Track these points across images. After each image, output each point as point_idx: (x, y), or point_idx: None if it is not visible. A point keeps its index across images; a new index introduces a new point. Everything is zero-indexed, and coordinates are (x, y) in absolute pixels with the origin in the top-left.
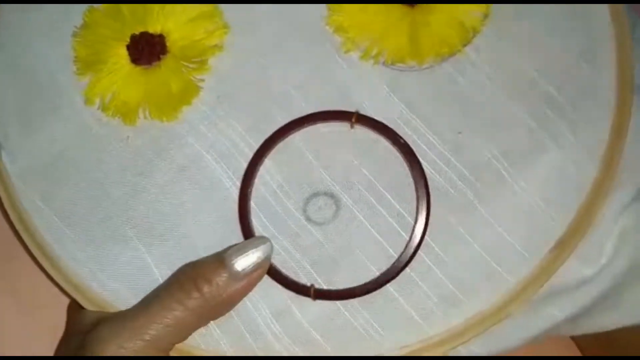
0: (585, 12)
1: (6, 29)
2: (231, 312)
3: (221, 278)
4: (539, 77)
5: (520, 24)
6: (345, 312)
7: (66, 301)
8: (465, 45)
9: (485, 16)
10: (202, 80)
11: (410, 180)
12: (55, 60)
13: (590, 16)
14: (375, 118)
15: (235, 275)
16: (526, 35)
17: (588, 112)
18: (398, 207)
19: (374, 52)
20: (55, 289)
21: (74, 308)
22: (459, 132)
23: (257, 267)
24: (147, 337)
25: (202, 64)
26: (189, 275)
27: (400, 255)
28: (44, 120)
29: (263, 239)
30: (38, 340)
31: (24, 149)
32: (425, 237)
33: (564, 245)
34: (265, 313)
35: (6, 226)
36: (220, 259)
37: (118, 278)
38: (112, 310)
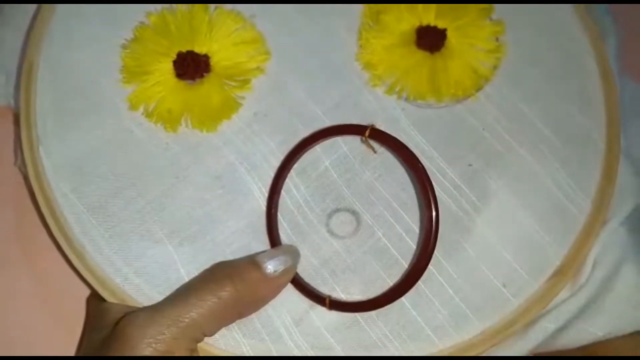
0: (580, 71)
1: (54, 36)
2: (252, 315)
3: (254, 277)
4: (539, 121)
5: (524, 77)
6: (362, 322)
7: (87, 293)
8: (477, 91)
9: (496, 67)
10: (243, 97)
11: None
12: (99, 67)
13: (584, 74)
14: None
15: (266, 277)
16: (528, 86)
17: (582, 156)
18: (414, 226)
19: (398, 88)
20: (78, 280)
21: (95, 301)
22: (470, 165)
23: (285, 271)
24: (182, 325)
25: (244, 83)
26: (225, 272)
27: (409, 271)
28: (83, 120)
29: (292, 247)
30: (60, 329)
31: (61, 145)
32: (438, 255)
33: (563, 273)
34: (286, 318)
35: (36, 217)
36: (253, 261)
37: (143, 274)
38: (135, 304)
